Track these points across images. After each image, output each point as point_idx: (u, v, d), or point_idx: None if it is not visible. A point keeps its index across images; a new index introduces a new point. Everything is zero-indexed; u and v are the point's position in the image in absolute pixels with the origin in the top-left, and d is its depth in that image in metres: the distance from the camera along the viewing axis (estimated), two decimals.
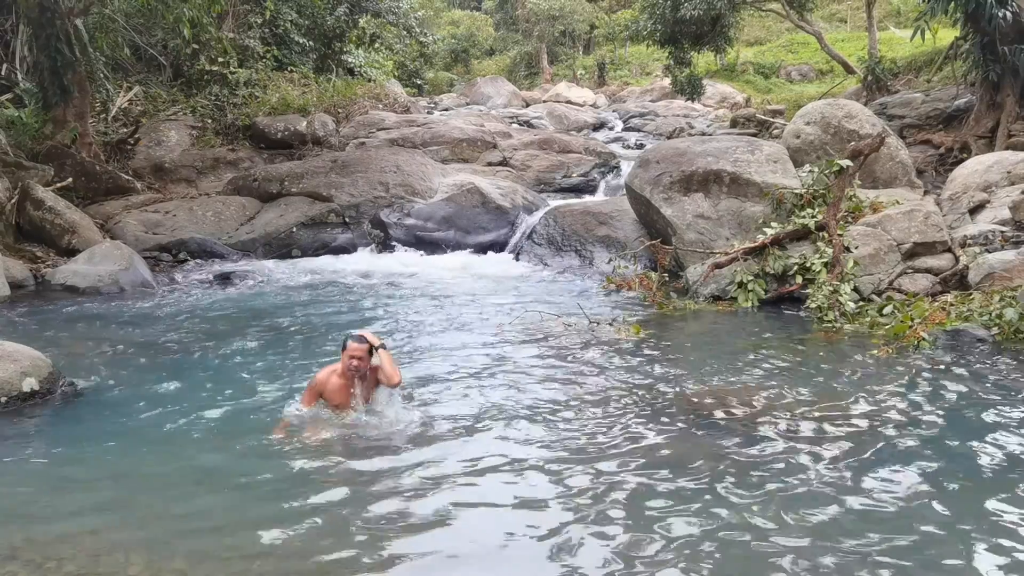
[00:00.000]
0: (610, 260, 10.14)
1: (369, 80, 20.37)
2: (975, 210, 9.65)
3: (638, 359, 6.61)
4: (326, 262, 11.66)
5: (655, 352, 6.85)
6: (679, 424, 5.09)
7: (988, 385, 5.76)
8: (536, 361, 6.56)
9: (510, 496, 4.03)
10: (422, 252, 12.07)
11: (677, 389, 5.79)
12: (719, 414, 5.22)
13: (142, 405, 5.51)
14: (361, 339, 4.92)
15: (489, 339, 7.27)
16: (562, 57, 38.68)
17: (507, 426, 5.03)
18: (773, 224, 9.17)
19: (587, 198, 14.32)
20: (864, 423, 5.03)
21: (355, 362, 4.88)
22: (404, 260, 11.70)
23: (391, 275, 10.79)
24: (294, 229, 12.38)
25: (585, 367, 6.39)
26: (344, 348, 4.92)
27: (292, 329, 7.77)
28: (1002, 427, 4.93)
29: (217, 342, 7.26)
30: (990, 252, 8.29)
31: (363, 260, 11.76)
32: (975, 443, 4.70)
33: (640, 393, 5.70)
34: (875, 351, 6.64)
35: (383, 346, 5.00)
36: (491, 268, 11.24)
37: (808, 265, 8.52)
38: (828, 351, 6.91)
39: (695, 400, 5.51)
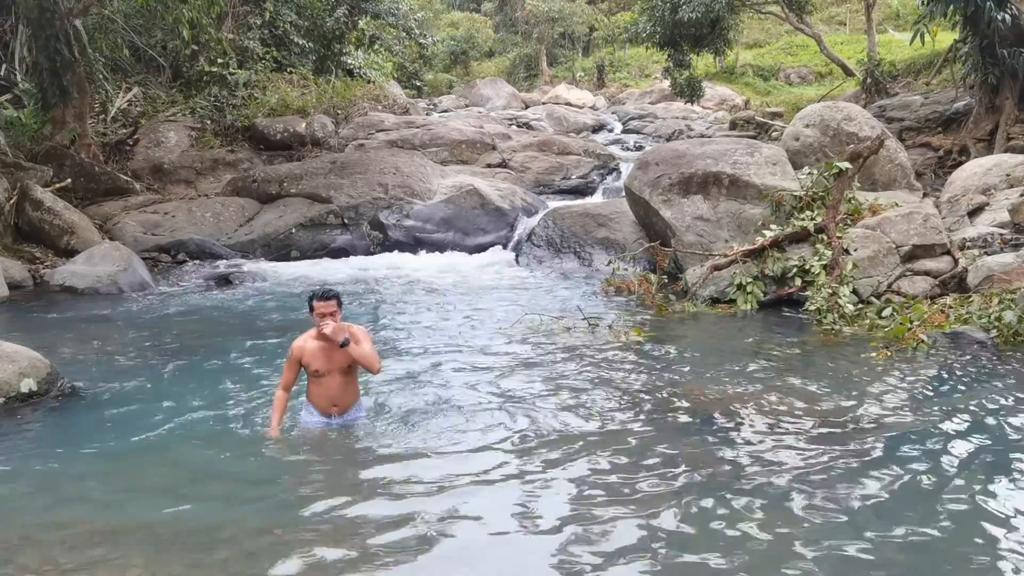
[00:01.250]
0: (609, 262, 10.13)
1: (368, 82, 20.34)
2: (974, 213, 9.67)
3: (637, 361, 6.61)
4: (325, 263, 11.66)
5: (654, 354, 6.85)
6: (678, 426, 5.09)
7: (987, 387, 5.76)
8: (535, 363, 6.56)
9: (507, 497, 4.03)
10: (421, 253, 12.08)
11: (676, 391, 5.78)
12: (718, 416, 5.22)
13: (140, 406, 5.50)
14: (325, 295, 4.71)
15: (488, 341, 7.27)
16: (561, 59, 38.67)
17: (505, 428, 5.02)
18: (772, 226, 9.18)
19: (586, 200, 14.35)
20: (863, 425, 5.03)
21: (326, 317, 4.68)
22: (403, 261, 11.70)
23: (390, 276, 10.79)
24: (293, 230, 12.38)
25: (584, 369, 6.39)
26: (312, 310, 4.70)
27: (290, 330, 7.74)
28: (1002, 429, 4.93)
29: (215, 343, 7.26)
30: (989, 255, 8.31)
31: (362, 261, 11.76)
32: (975, 445, 4.71)
33: (639, 395, 5.70)
34: (874, 353, 6.64)
35: (345, 342, 4.67)
36: (490, 270, 11.24)
37: (807, 267, 8.52)
38: (827, 353, 6.91)
39: (694, 402, 5.51)
